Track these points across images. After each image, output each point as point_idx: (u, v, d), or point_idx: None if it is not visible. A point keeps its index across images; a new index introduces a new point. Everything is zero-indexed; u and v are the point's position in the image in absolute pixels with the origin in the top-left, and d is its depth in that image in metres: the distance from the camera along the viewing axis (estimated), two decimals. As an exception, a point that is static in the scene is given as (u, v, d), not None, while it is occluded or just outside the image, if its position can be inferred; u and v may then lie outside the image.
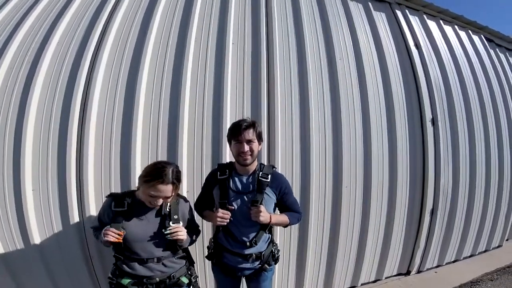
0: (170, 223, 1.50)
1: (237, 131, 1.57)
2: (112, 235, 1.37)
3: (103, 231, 1.40)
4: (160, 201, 1.46)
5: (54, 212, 2.05)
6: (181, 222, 1.54)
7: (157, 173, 1.38)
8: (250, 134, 1.57)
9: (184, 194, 2.26)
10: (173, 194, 1.47)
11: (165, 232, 1.46)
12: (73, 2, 2.54)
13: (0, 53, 2.21)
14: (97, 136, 2.16)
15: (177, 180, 1.45)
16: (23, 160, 2.00)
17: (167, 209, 1.54)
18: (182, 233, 1.48)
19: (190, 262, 1.73)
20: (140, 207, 1.51)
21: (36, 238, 2.01)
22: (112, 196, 1.55)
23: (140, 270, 1.47)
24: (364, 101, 2.86)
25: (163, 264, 1.52)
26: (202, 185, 1.87)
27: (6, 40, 2.28)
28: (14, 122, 2.06)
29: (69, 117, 2.13)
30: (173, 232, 1.46)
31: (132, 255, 1.48)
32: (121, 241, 1.41)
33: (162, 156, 2.26)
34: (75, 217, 2.08)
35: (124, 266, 1.49)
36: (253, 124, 1.60)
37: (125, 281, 1.48)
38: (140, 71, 2.33)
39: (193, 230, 1.71)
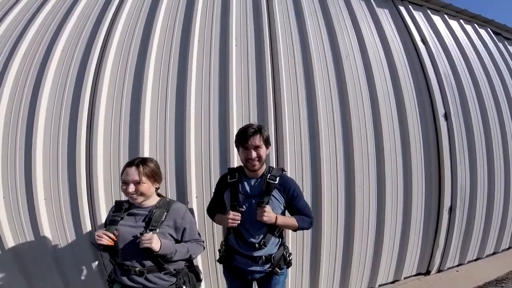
0: (147, 230, 1.41)
1: (244, 137, 1.57)
2: (105, 237, 1.36)
3: (95, 234, 1.38)
4: (131, 188, 1.41)
5: (67, 220, 2.08)
6: (158, 229, 1.42)
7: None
8: (257, 140, 1.56)
9: (193, 199, 2.25)
10: (141, 178, 1.42)
11: (137, 240, 1.38)
12: (76, 8, 2.61)
13: (6, 61, 2.27)
14: (105, 144, 2.19)
15: (144, 166, 1.46)
16: (35, 168, 2.03)
17: (152, 215, 1.47)
18: (149, 242, 1.32)
19: (197, 278, 1.65)
20: (135, 212, 1.50)
21: (50, 246, 2.04)
22: (115, 203, 1.58)
23: (125, 280, 1.43)
24: (373, 99, 2.80)
25: (146, 278, 1.43)
26: (214, 190, 1.88)
27: (12, 48, 2.35)
28: (24, 131, 2.10)
29: (77, 124, 2.17)
30: (142, 240, 1.34)
31: (120, 261, 1.45)
32: (112, 243, 1.38)
33: (170, 163, 2.26)
34: (87, 225, 2.09)
35: (115, 272, 1.49)
36: (259, 130, 1.59)
37: (116, 286, 1.47)
38: (145, 77, 2.35)
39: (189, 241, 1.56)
